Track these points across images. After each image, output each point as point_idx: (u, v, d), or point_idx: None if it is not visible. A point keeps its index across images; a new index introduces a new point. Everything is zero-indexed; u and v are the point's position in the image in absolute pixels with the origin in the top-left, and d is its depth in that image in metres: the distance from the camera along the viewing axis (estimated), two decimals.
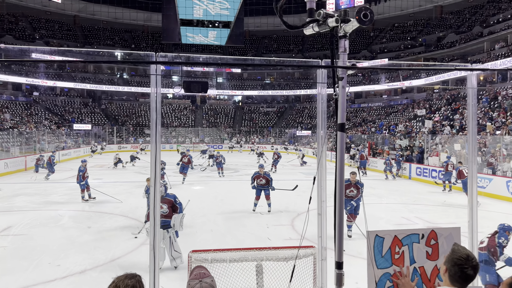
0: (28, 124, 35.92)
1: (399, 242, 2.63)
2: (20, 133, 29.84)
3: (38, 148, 29.10)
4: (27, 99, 42.45)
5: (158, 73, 2.37)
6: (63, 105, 46.22)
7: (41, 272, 6.48)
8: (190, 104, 52.85)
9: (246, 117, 51.77)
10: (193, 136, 45.96)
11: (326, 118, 2.78)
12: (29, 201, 12.93)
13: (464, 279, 2.02)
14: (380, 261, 2.58)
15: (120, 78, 52.11)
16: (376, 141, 29.60)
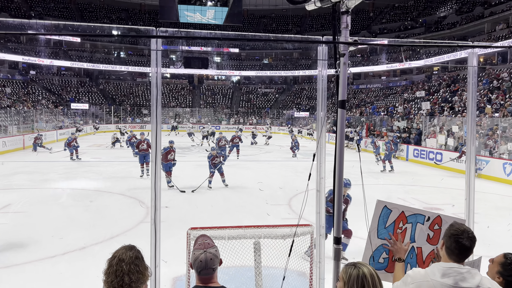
0: (26, 103, 35.69)
1: (404, 218, 2.67)
2: (17, 112, 29.69)
3: (36, 127, 29.01)
4: (24, 78, 42.07)
5: (158, 48, 2.36)
6: (60, 84, 45.86)
7: (42, 248, 6.55)
8: (187, 84, 52.51)
9: (243, 98, 51.54)
10: (190, 116, 45.83)
11: (326, 96, 2.78)
12: (28, 179, 12.97)
13: (459, 250, 2.04)
14: (382, 231, 2.63)
15: (117, 57, 51.59)
16: (374, 122, 29.63)
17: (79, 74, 48.64)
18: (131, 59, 51.62)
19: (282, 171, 15.66)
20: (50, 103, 39.74)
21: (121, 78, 50.51)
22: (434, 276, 2.01)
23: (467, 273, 1.98)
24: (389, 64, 42.08)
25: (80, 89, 46.69)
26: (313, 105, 46.38)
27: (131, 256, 2.02)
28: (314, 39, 2.56)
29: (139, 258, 2.06)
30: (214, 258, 2.08)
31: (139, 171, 13.54)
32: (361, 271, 1.88)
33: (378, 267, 2.61)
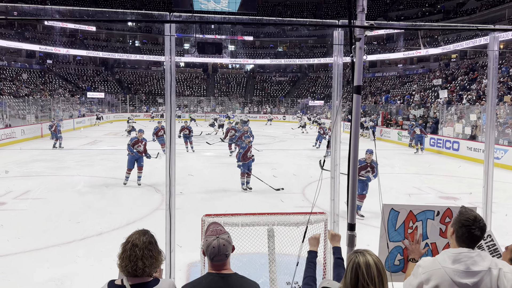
0: (43, 92, 36.25)
1: (413, 217, 2.64)
2: (35, 100, 30.18)
3: (53, 116, 29.49)
4: (40, 67, 42.69)
5: (172, 34, 2.35)
6: (76, 73, 46.40)
7: (60, 234, 6.70)
8: (201, 73, 52.53)
9: (258, 87, 51.34)
10: (204, 105, 45.93)
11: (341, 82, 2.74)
12: (46, 167, 13.23)
13: (471, 240, 2.02)
14: (393, 234, 2.60)
15: (132, 46, 51.85)
16: (390, 111, 29.23)
17: (95, 63, 49.11)
18: (146, 47, 51.83)
19: (296, 159, 15.64)
20: (67, 92, 40.29)
21: (136, 67, 50.82)
22: (445, 263, 1.99)
23: (477, 257, 1.97)
24: (406, 52, 41.30)
25: (96, 78, 47.18)
26: (328, 93, 45.97)
27: (144, 241, 2.04)
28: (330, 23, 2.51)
29: (153, 243, 2.08)
30: (226, 244, 2.08)
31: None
32: (357, 260, 1.85)
33: (394, 269, 2.60)
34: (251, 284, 2.11)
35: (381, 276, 1.83)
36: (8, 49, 40.43)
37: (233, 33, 52.80)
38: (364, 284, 1.80)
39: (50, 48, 42.66)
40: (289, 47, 54.58)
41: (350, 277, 1.85)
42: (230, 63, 54.14)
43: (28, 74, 39.24)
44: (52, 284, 4.85)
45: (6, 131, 19.63)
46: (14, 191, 9.66)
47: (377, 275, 1.82)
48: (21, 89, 33.97)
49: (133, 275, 2.01)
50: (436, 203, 9.31)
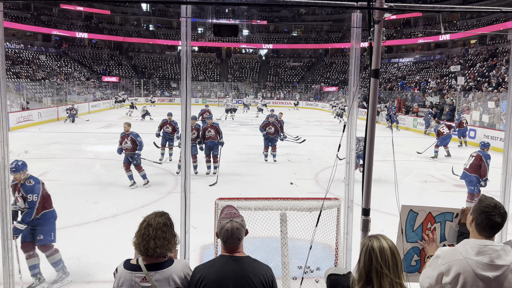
0: (59, 75, 36.64)
1: (432, 218, 2.61)
2: (51, 84, 30.56)
3: (69, 99, 29.87)
4: (56, 51, 43.05)
5: (188, 16, 2.33)
6: (91, 57, 46.70)
7: (76, 215, 6.84)
8: (215, 57, 52.33)
9: (271, 72, 50.97)
10: (217, 90, 45.89)
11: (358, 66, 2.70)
12: (62, 149, 13.45)
13: (491, 227, 1.98)
14: (410, 235, 2.59)
15: (146, 30, 51.84)
16: (406, 97, 28.80)
17: (109, 47, 49.29)
18: (160, 32, 51.75)
19: (309, 146, 15.57)
20: (82, 76, 40.65)
21: (150, 51, 50.88)
22: (468, 254, 1.93)
23: (501, 251, 1.93)
24: (423, 38, 40.39)
25: (111, 62, 47.42)
26: (343, 79, 45.43)
27: (159, 222, 2.07)
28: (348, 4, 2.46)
29: (167, 225, 2.11)
30: (240, 227, 2.09)
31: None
32: (370, 244, 1.85)
33: (410, 270, 2.59)
34: (263, 267, 2.13)
35: (395, 260, 1.82)
36: (24, 33, 40.81)
37: (247, 17, 52.32)
38: (377, 267, 1.80)
39: (66, 32, 42.97)
40: (304, 31, 53.83)
41: (364, 260, 1.85)
42: (244, 48, 53.76)
43: (44, 58, 39.65)
44: (70, 262, 4.98)
45: (23, 114, 19.98)
46: (32, 172, 9.83)
47: (391, 258, 1.81)
48: (38, 72, 34.38)
49: (145, 254, 2.05)
50: (452, 191, 9.21)
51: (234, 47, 53.17)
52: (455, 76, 29.07)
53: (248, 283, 2.01)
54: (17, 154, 11.44)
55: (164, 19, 52.04)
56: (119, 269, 2.08)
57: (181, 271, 2.08)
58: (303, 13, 54.03)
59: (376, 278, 1.80)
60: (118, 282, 2.04)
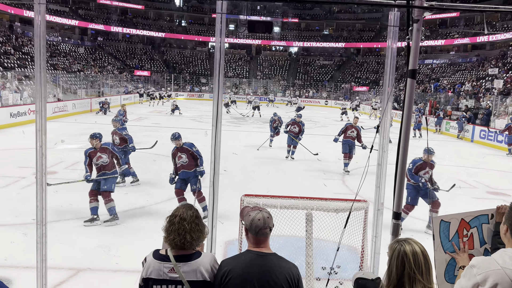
0: (93, 68, 37.69)
1: (466, 225, 2.51)
2: (86, 76, 31.48)
3: (102, 92, 30.71)
4: (92, 44, 44.29)
5: (223, 11, 2.34)
6: (124, 51, 47.78)
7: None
8: (245, 54, 52.45)
9: (301, 70, 50.63)
10: (246, 87, 46.03)
11: (394, 66, 2.63)
12: None
13: None
14: (447, 245, 2.50)
15: (179, 26, 52.56)
16: (439, 100, 28.00)
17: (142, 42, 50.27)
18: (192, 28, 52.33)
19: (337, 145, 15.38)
20: (115, 69, 41.66)
21: (181, 46, 51.57)
22: (506, 264, 1.83)
23: None
24: (459, 39, 39.10)
25: (143, 57, 48.38)
26: (374, 79, 44.62)
27: (191, 215, 2.10)
28: (386, 3, 2.40)
29: (199, 217, 2.14)
30: (270, 217, 2.11)
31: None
32: (402, 248, 1.79)
33: (454, 281, 2.50)
34: (289, 265, 2.12)
35: (428, 265, 1.77)
36: (62, 26, 42.17)
37: (279, 15, 52.15)
38: (410, 273, 1.75)
39: (101, 26, 44.15)
40: (336, 30, 53.16)
41: (396, 265, 1.79)
42: (274, 45, 53.62)
43: (80, 51, 40.89)
44: (100, 251, 5.14)
45: (58, 104, 20.67)
46: (65, 161, 10.19)
47: (424, 263, 1.76)
48: (74, 64, 35.49)
49: (181, 248, 2.07)
50: (484, 198, 8.90)
51: (264, 44, 53.11)
52: (492, 79, 28.00)
53: (273, 280, 2.01)
54: (54, 143, 11.87)
55: (197, 15, 52.58)
56: (148, 259, 2.12)
57: (209, 264, 2.10)
58: (336, 11, 53.35)
59: (408, 283, 1.75)
60: (146, 271, 2.08)
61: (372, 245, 3.30)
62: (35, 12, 2.57)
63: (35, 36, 2.60)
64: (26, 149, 11.85)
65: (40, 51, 2.59)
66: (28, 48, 32.31)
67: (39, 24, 2.56)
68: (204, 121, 22.24)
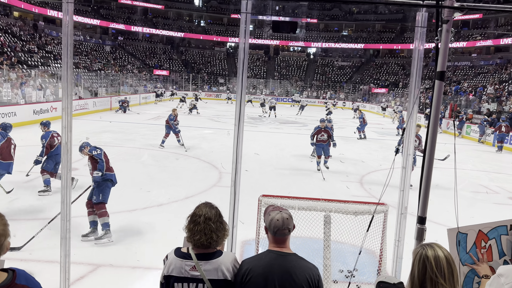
0: (114, 67, 38.28)
1: (484, 236, 2.45)
2: (106, 75, 32.00)
3: (121, 91, 31.17)
4: (112, 43, 44.99)
5: (248, 11, 2.34)
6: (144, 51, 48.37)
7: (125, 202, 7.12)
8: (263, 54, 52.45)
9: (318, 71, 50.35)
10: (263, 87, 46.03)
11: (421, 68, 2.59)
12: (114, 138, 14.06)
13: None
14: (465, 257, 2.44)
15: (197, 26, 52.94)
16: (460, 103, 27.46)
17: (162, 41, 50.81)
18: (211, 27, 52.63)
19: (355, 147, 15.26)
20: (135, 68, 42.22)
21: (200, 46, 51.92)
22: None
23: None
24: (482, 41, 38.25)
25: (162, 56, 48.88)
26: (393, 81, 44.04)
27: (215, 214, 2.11)
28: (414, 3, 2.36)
29: (221, 216, 2.16)
30: (289, 218, 2.11)
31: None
32: (424, 252, 1.78)
33: None
34: (310, 266, 2.11)
35: (451, 269, 1.74)
36: (84, 25, 42.97)
37: (297, 15, 51.98)
38: (432, 276, 1.73)
39: (121, 26, 44.82)
40: (355, 31, 52.67)
41: (418, 269, 1.78)
42: (292, 46, 53.45)
43: (101, 50, 41.56)
44: (121, 248, 5.22)
45: (80, 102, 21.06)
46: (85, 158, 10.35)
47: (447, 268, 1.73)
48: (95, 63, 36.11)
49: (206, 247, 2.07)
50: (505, 204, 8.68)
51: (283, 45, 53.03)
52: None
53: (294, 279, 2.01)
54: (79, 140, 12.10)
55: (216, 15, 52.84)
56: (169, 257, 2.14)
57: (230, 263, 2.10)
58: (355, 12, 52.88)
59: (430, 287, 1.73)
60: (168, 268, 2.10)
61: (394, 249, 3.25)
62: (63, 12, 2.62)
63: (63, 35, 2.65)
64: None
65: (68, 49, 2.64)
66: (51, 46, 33.03)
67: (67, 23, 2.61)
68: (221, 120, 22.33)
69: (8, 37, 28.61)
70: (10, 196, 7.06)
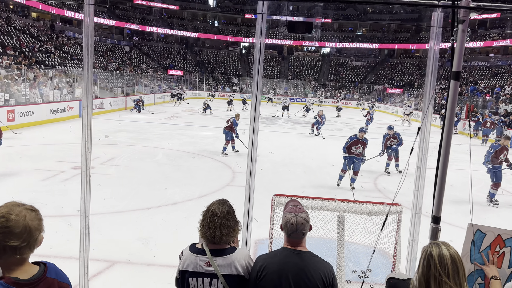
0: (129, 67, 38.73)
1: (501, 241, 2.42)
2: (121, 75, 32.40)
3: (136, 90, 31.50)
4: (127, 43, 45.52)
5: (264, 12, 2.38)
6: (158, 51, 48.82)
7: (140, 200, 7.23)
8: (276, 54, 52.42)
9: (332, 71, 50.09)
10: (277, 87, 46.00)
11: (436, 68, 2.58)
12: (129, 137, 14.25)
13: None
14: (476, 256, 2.42)
15: (211, 26, 53.21)
16: (476, 104, 27.03)
17: (176, 41, 51.20)
18: (225, 28, 52.82)
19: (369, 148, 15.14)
20: (150, 68, 42.64)
21: (214, 46, 52.16)
22: None
23: None
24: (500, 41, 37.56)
25: (176, 56, 49.25)
26: (408, 81, 43.57)
27: (223, 211, 2.15)
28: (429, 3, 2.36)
29: (230, 213, 2.18)
30: (304, 223, 2.12)
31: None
32: (429, 250, 1.82)
33: None
34: (325, 264, 2.13)
35: (456, 268, 1.76)
36: (101, 26, 43.58)
37: (311, 15, 51.82)
38: (436, 274, 1.75)
39: (137, 26, 45.31)
40: (370, 30, 52.26)
41: (422, 266, 1.82)
42: (306, 46, 53.29)
43: (117, 50, 42.09)
44: (139, 243, 5.30)
45: (96, 102, 21.37)
46: (101, 157, 10.54)
47: (451, 266, 1.75)
48: (110, 63, 36.60)
49: (212, 242, 2.13)
50: None
51: (296, 44, 52.91)
52: None
53: (308, 277, 2.02)
54: (98, 138, 12.31)
55: (230, 15, 53.03)
56: (185, 252, 2.19)
57: (243, 260, 2.14)
58: (370, 11, 52.48)
59: (434, 285, 1.76)
60: (183, 263, 2.14)
61: (408, 249, 3.25)
62: (84, 13, 2.70)
63: (84, 35, 2.73)
64: (65, 144, 12.36)
65: (88, 49, 2.71)
66: (68, 47, 33.60)
67: (88, 24, 2.69)
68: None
69: (26, 38, 29.21)
70: (32, 192, 7.22)
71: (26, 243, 1.52)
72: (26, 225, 1.52)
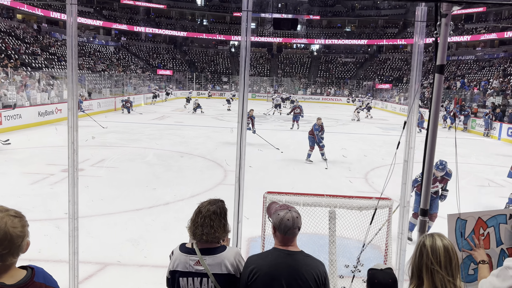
0: (117, 68, 38.39)
1: (483, 223, 2.49)
2: (110, 76, 32.10)
3: (125, 91, 31.24)
4: (115, 44, 45.12)
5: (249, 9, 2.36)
6: (147, 51, 48.49)
7: (130, 201, 7.18)
8: (266, 52, 52.38)
9: (322, 68, 50.22)
10: (267, 85, 45.98)
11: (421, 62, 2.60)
12: (119, 138, 14.14)
13: None
14: (463, 243, 2.47)
15: (200, 25, 52.97)
16: (464, 97, 27.31)
17: (164, 41, 50.89)
18: (214, 26, 52.63)
19: (359, 144, 15.25)
20: (138, 68, 42.33)
21: (203, 45, 51.95)
22: None
23: None
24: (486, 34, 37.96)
25: (165, 56, 48.97)
26: (397, 76, 43.88)
27: (208, 210, 2.13)
28: None
29: (217, 213, 2.14)
30: (299, 217, 2.10)
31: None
32: (423, 241, 1.85)
33: (469, 279, 2.46)
34: (317, 263, 2.10)
35: (449, 258, 1.78)
36: (88, 27, 43.12)
37: (300, 12, 51.86)
38: (428, 263, 1.78)
39: (124, 26, 44.93)
40: (358, 27, 52.47)
41: (415, 256, 1.85)
42: (295, 43, 53.30)
43: (104, 51, 41.69)
44: (128, 244, 5.27)
45: (85, 103, 21.16)
46: (91, 159, 10.45)
47: (444, 255, 1.78)
48: (98, 64, 36.25)
49: (194, 239, 2.13)
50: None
51: (286, 42, 52.91)
52: None
53: (301, 278, 1.99)
54: (85, 139, 12.19)
55: (218, 13, 52.84)
56: (175, 252, 2.18)
57: (233, 258, 2.13)
58: (358, 8, 52.68)
59: (426, 273, 1.79)
60: (173, 263, 2.13)
61: (398, 242, 3.28)
62: (67, 13, 2.66)
63: (67, 36, 2.69)
64: (54, 147, 12.22)
65: (72, 50, 2.68)
66: (54, 48, 33.19)
67: (71, 24, 2.65)
68: (225, 119, 22.38)
69: (12, 40, 28.79)
70: (19, 196, 7.14)
71: (8, 250, 1.48)
72: (7, 232, 1.48)
